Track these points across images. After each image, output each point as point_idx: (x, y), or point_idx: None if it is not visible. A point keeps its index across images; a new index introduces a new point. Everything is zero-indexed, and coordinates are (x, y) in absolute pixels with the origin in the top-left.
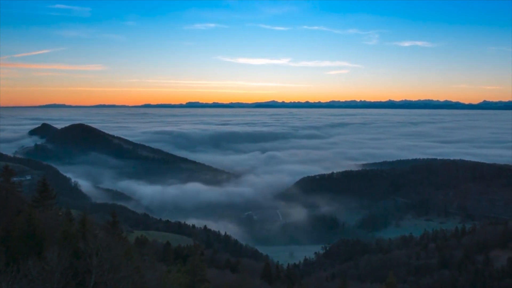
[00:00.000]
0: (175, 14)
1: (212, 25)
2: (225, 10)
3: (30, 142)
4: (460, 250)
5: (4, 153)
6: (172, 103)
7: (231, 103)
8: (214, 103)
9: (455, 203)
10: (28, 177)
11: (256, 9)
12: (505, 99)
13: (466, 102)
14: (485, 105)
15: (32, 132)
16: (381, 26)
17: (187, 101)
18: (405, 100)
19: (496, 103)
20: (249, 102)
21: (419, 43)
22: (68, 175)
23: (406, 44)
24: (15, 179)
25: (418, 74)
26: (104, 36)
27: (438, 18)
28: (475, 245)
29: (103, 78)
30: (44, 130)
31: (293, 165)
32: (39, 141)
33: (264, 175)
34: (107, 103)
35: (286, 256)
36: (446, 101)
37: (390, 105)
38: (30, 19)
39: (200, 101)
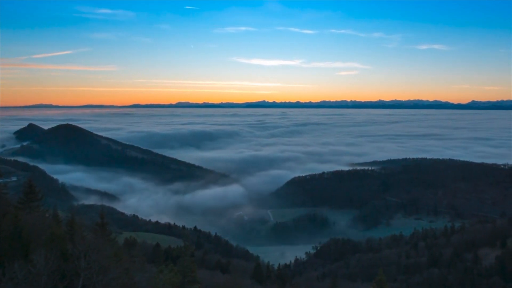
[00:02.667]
0: (212, 16)
1: (243, 28)
2: (259, 14)
3: (16, 142)
4: (449, 249)
5: None
6: (162, 103)
7: (222, 103)
8: (204, 103)
9: (445, 202)
10: (14, 178)
11: (289, 13)
12: (493, 99)
13: (455, 102)
14: (474, 105)
15: (18, 133)
16: (405, 30)
17: (177, 101)
18: (395, 100)
19: (484, 103)
20: (240, 102)
21: (436, 46)
22: (55, 176)
23: (424, 47)
24: (0, 180)
25: (415, 75)
26: (132, 39)
27: (449, 21)
28: (464, 243)
29: (110, 79)
30: (30, 131)
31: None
32: (25, 141)
33: (255, 175)
34: (95, 103)
35: (277, 256)
36: (436, 101)
37: (381, 105)
38: (66, 22)
39: (190, 101)
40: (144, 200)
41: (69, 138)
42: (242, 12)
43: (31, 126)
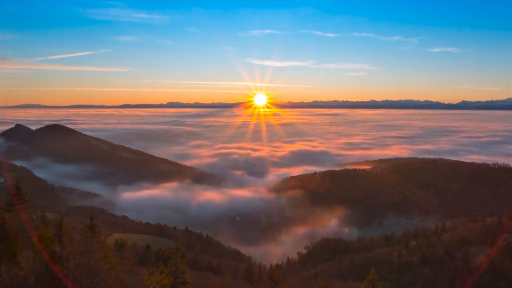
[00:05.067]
0: (240, 19)
1: (267, 31)
2: (287, 18)
3: (2, 143)
4: (440, 248)
5: None
6: (152, 103)
7: (213, 103)
8: (195, 103)
9: (436, 201)
10: (1, 180)
11: (318, 17)
12: (483, 99)
13: (446, 102)
14: (464, 105)
15: (5, 133)
16: (421, 33)
17: (168, 101)
18: (387, 100)
19: (474, 102)
20: (231, 102)
21: (449, 49)
22: (43, 177)
23: (437, 50)
24: None
25: (414, 76)
26: (156, 42)
27: (463, 24)
28: (454, 242)
29: (119, 80)
30: (18, 131)
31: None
32: (12, 142)
33: (247, 175)
34: (85, 103)
35: (268, 256)
36: (427, 101)
37: (372, 105)
38: (96, 24)
39: (181, 101)
40: (134, 201)
41: (57, 139)
42: (271, 16)
43: (18, 127)
